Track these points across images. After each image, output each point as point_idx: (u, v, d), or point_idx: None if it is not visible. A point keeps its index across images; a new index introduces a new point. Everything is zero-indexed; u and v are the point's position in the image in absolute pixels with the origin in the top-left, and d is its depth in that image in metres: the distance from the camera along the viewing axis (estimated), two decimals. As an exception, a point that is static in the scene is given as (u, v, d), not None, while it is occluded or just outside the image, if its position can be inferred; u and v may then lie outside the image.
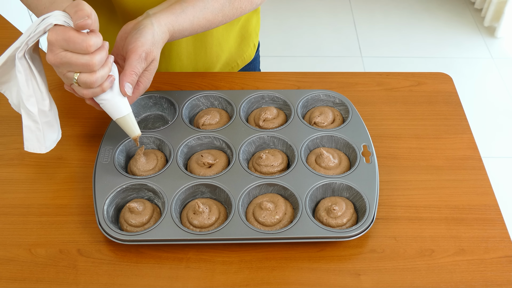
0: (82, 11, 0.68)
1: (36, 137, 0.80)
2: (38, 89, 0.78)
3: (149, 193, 0.83)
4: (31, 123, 0.79)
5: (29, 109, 0.77)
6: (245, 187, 0.81)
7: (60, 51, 0.71)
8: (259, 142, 0.89)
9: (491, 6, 2.70)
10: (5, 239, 0.79)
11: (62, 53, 0.71)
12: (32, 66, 0.76)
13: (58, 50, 0.71)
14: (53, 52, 0.71)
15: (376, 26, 2.85)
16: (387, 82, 1.03)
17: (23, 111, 0.78)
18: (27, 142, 0.80)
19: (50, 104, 0.80)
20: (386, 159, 0.89)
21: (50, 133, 0.81)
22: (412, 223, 0.81)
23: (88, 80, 0.72)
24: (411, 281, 0.74)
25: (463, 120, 0.96)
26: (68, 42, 0.70)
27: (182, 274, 0.75)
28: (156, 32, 0.79)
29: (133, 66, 0.77)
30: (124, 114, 0.79)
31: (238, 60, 1.15)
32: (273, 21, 2.87)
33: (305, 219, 0.77)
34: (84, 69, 0.71)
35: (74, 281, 0.74)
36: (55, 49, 0.71)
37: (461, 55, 2.67)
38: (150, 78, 0.81)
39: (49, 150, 0.81)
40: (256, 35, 1.17)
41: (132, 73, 0.77)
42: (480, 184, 0.86)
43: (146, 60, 0.78)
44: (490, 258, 0.77)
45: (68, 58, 0.71)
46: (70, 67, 0.72)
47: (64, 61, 0.71)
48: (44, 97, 0.78)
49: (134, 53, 0.77)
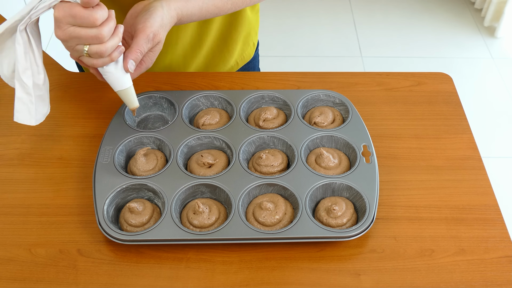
0: None
1: (27, 109, 0.82)
2: (35, 62, 0.79)
3: (149, 193, 0.83)
4: (24, 95, 0.81)
5: (24, 81, 0.79)
6: (245, 187, 0.81)
7: (68, 27, 0.74)
8: (259, 142, 0.89)
9: (491, 6, 2.70)
10: (5, 239, 0.79)
11: (70, 28, 0.74)
12: (32, 39, 0.78)
13: (66, 26, 0.74)
14: (61, 28, 0.74)
15: (376, 26, 2.85)
16: (387, 82, 1.03)
17: (17, 82, 0.80)
18: (18, 113, 0.82)
19: (44, 78, 0.82)
20: (386, 159, 0.89)
21: (41, 107, 0.83)
22: (412, 223, 0.81)
23: (99, 50, 0.75)
24: (411, 281, 0.74)
25: (463, 120, 0.96)
26: (75, 18, 0.72)
27: (182, 274, 0.75)
28: (166, 15, 0.82)
29: (139, 45, 0.80)
30: (125, 87, 0.82)
31: (237, 59, 1.15)
32: (273, 21, 2.87)
33: (305, 219, 0.77)
34: (94, 41, 0.74)
35: (74, 281, 0.74)
36: (62, 25, 0.74)
37: (461, 55, 2.67)
38: (153, 59, 0.84)
39: (38, 123, 0.83)
40: (255, 34, 1.17)
41: (137, 51, 0.80)
42: (480, 184, 0.86)
43: (153, 41, 0.81)
44: (490, 258, 0.77)
45: (77, 32, 0.73)
46: (80, 40, 0.75)
47: (73, 35, 0.74)
48: (39, 70, 0.80)
49: (143, 32, 0.79)
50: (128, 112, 0.93)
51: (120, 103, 0.96)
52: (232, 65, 1.15)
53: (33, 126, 0.94)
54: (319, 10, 2.96)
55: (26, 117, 0.82)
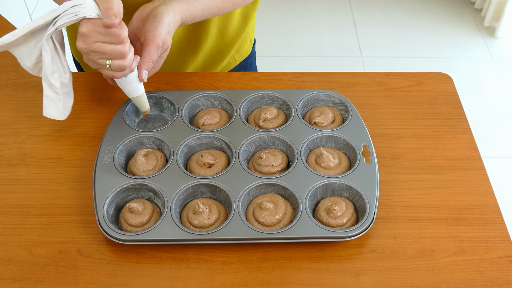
0: (111, 9, 0.75)
1: (56, 106, 0.88)
2: (61, 64, 0.85)
3: (149, 193, 0.83)
4: (52, 94, 0.87)
5: (53, 83, 0.85)
6: (245, 187, 0.81)
7: (93, 42, 0.77)
8: (259, 142, 0.89)
9: (491, 6, 2.70)
10: (5, 239, 0.79)
11: (96, 44, 0.77)
12: (57, 45, 0.82)
13: (91, 41, 0.77)
14: (86, 42, 0.78)
15: (376, 26, 2.85)
16: (387, 82, 1.03)
17: (45, 83, 0.86)
18: (47, 109, 0.88)
19: (69, 75, 0.88)
20: (386, 159, 0.89)
21: (68, 101, 0.90)
22: (412, 223, 0.81)
23: (122, 64, 0.80)
24: (411, 281, 0.74)
25: (463, 120, 0.96)
26: (105, 35, 0.77)
27: (182, 274, 0.75)
28: (172, 20, 0.84)
29: (150, 54, 0.83)
30: (139, 94, 0.87)
31: (235, 55, 1.15)
32: (273, 21, 2.87)
33: (305, 219, 0.77)
34: (118, 56, 0.79)
35: (74, 281, 0.74)
36: (88, 40, 0.77)
37: (461, 55, 2.67)
38: (161, 63, 0.87)
39: (66, 117, 0.90)
40: (252, 31, 1.18)
41: (149, 61, 0.83)
42: (480, 184, 0.86)
43: (162, 48, 0.84)
44: (490, 258, 0.77)
45: (102, 48, 0.78)
46: (103, 55, 0.79)
47: (98, 51, 0.78)
48: (65, 70, 0.86)
49: (153, 41, 0.82)
50: (128, 112, 0.93)
51: (120, 103, 0.96)
52: (230, 61, 1.15)
53: (33, 126, 0.94)
54: (319, 10, 2.96)
55: (55, 113, 0.89)
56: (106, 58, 0.79)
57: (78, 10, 0.76)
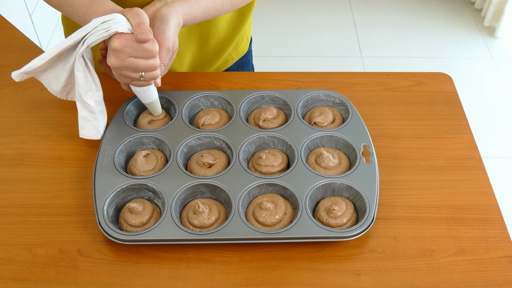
0: (144, 24, 0.77)
1: (92, 125, 0.88)
2: (94, 82, 0.86)
3: (149, 193, 0.83)
4: (87, 113, 0.87)
5: (87, 102, 0.86)
6: (245, 187, 0.81)
7: (126, 57, 0.78)
8: (259, 142, 0.89)
9: (491, 6, 2.70)
10: (5, 239, 0.79)
11: (129, 59, 0.78)
12: (89, 63, 0.83)
13: (124, 56, 0.78)
14: (118, 58, 0.79)
15: (376, 26, 2.85)
16: (387, 82, 1.03)
17: (79, 103, 0.86)
18: (83, 130, 0.89)
19: (102, 93, 0.88)
20: (386, 159, 0.89)
21: (103, 119, 0.90)
22: (412, 223, 0.81)
23: (155, 75, 0.82)
24: (411, 281, 0.74)
25: (463, 120, 0.96)
26: (137, 50, 0.78)
27: (182, 274, 0.75)
28: (176, 22, 0.84)
29: (162, 59, 0.83)
30: (154, 99, 0.89)
31: (232, 53, 1.16)
32: (273, 21, 2.87)
33: (305, 219, 0.77)
34: (150, 69, 0.81)
35: (74, 281, 0.74)
36: (121, 55, 0.78)
37: (461, 55, 2.67)
38: (170, 65, 0.87)
39: (102, 134, 0.89)
40: (249, 29, 1.18)
41: (162, 66, 0.84)
42: (480, 184, 0.86)
43: (172, 50, 0.84)
44: (490, 258, 0.77)
45: (136, 63, 0.79)
46: (137, 69, 0.80)
47: (132, 66, 0.79)
48: (98, 88, 0.87)
49: (163, 46, 0.82)
50: (128, 112, 0.93)
51: (120, 103, 0.96)
52: (227, 59, 1.15)
53: (33, 126, 0.94)
54: (319, 10, 2.96)
55: (92, 132, 0.89)
56: (138, 71, 0.81)
57: (110, 26, 0.77)
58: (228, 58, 1.16)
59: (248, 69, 1.25)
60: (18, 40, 1.11)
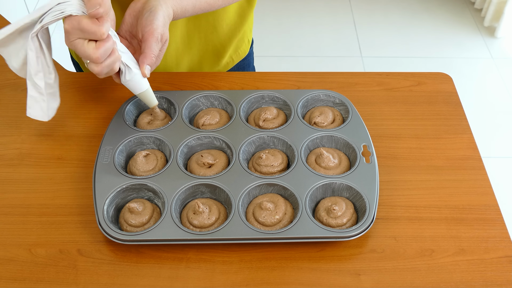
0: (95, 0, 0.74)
1: (40, 106, 0.87)
2: (46, 64, 0.84)
3: (149, 193, 0.83)
4: (36, 94, 0.86)
5: (37, 83, 0.84)
6: (245, 187, 0.81)
7: (75, 38, 0.77)
8: (259, 142, 0.89)
9: (491, 6, 2.70)
10: (5, 239, 0.79)
11: (76, 41, 0.77)
12: (43, 44, 0.82)
13: (74, 38, 0.77)
14: (68, 39, 0.77)
15: (376, 26, 2.85)
16: (387, 82, 1.03)
17: (29, 82, 0.85)
18: (30, 109, 0.87)
19: (55, 76, 0.87)
20: (386, 159, 0.89)
21: (53, 102, 0.88)
22: (412, 223, 0.81)
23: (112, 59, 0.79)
24: (411, 281, 0.74)
25: (463, 120, 0.96)
26: (83, 31, 0.75)
27: (182, 274, 0.75)
28: (165, 13, 0.83)
29: (152, 49, 0.82)
30: (144, 90, 0.86)
31: (233, 55, 1.15)
32: (273, 21, 2.87)
33: (305, 219, 0.77)
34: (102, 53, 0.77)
35: (74, 281, 0.74)
36: (71, 36, 0.77)
37: (461, 55, 2.67)
38: (161, 57, 0.86)
39: (50, 118, 0.88)
40: (250, 31, 1.18)
41: (151, 56, 0.83)
42: (480, 184, 0.86)
43: (161, 41, 0.83)
44: (490, 258, 0.77)
45: (85, 46, 0.76)
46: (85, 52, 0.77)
47: (81, 48, 0.77)
48: (50, 71, 0.85)
49: (151, 36, 0.81)
50: (128, 112, 0.93)
51: (120, 103, 0.96)
52: (228, 61, 1.15)
53: (33, 126, 0.94)
54: (319, 10, 2.96)
55: (39, 114, 0.88)
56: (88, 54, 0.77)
57: (64, 8, 0.76)
58: (228, 60, 1.16)
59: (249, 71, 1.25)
60: (18, 40, 1.11)
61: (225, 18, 1.07)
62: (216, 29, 1.07)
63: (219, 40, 1.10)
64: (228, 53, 1.14)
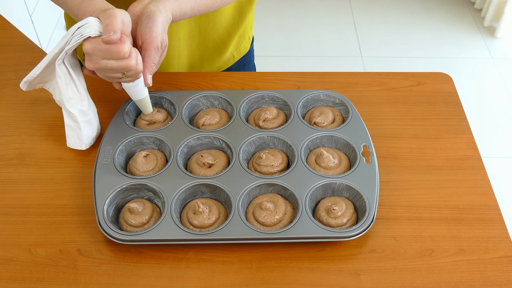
0: (112, 25, 0.76)
1: (76, 135, 0.88)
2: (77, 91, 0.86)
3: (149, 193, 0.83)
4: (71, 122, 0.87)
5: (70, 110, 0.86)
6: (245, 187, 0.81)
7: (99, 60, 0.78)
8: (259, 142, 0.89)
9: (491, 6, 2.70)
10: (5, 239, 0.79)
11: (101, 61, 0.78)
12: (71, 71, 0.84)
13: (97, 59, 0.78)
14: (92, 61, 0.79)
15: (376, 26, 2.85)
16: (387, 82, 1.03)
17: (64, 111, 0.87)
18: (69, 139, 0.89)
19: (88, 104, 0.88)
20: (386, 159, 0.89)
21: (90, 131, 0.89)
22: (412, 223, 0.81)
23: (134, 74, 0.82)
24: (411, 281, 0.74)
25: (463, 120, 0.96)
26: (105, 52, 0.77)
27: (182, 274, 0.75)
28: (164, 18, 0.84)
29: (152, 58, 0.83)
30: (143, 97, 0.88)
31: (234, 52, 1.15)
32: (273, 21, 2.87)
33: (305, 219, 0.77)
34: (125, 69, 0.79)
35: (74, 281, 0.74)
36: (93, 58, 0.78)
37: (461, 55, 2.67)
38: (161, 61, 0.87)
39: (88, 146, 0.89)
40: (250, 28, 1.18)
41: (152, 65, 0.84)
42: (480, 184, 0.86)
43: (161, 48, 0.84)
44: (490, 258, 0.77)
45: (110, 65, 0.79)
46: (113, 71, 0.80)
47: (106, 68, 0.79)
48: (83, 98, 0.87)
49: (151, 44, 0.82)
50: (128, 112, 0.93)
51: (120, 103, 0.96)
52: (229, 57, 1.15)
53: (33, 126, 0.94)
54: (319, 10, 2.96)
55: (76, 142, 0.89)
56: (117, 72, 0.80)
57: (82, 31, 0.77)
58: (229, 57, 1.16)
59: (250, 68, 1.25)
60: (18, 40, 1.11)
61: (224, 13, 1.07)
62: (215, 24, 1.07)
63: (218, 36, 1.10)
64: (229, 50, 1.14)
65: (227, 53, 1.14)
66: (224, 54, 1.14)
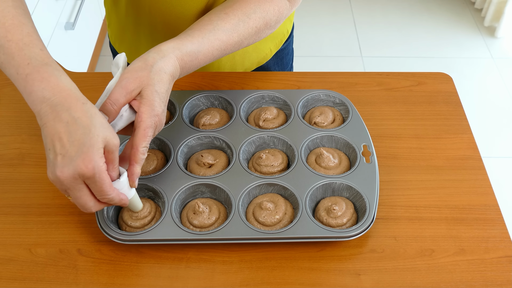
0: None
1: None
2: None
3: (149, 193, 0.83)
4: None
5: None
6: (245, 187, 0.81)
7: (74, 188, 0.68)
8: (259, 142, 0.89)
9: (491, 6, 2.70)
10: (5, 239, 0.79)
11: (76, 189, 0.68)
12: None
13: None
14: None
15: (376, 26, 2.85)
16: (387, 82, 1.03)
17: None
18: None
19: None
20: (386, 159, 0.89)
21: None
22: (412, 223, 0.81)
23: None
24: (411, 281, 0.74)
25: (463, 120, 0.96)
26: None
27: (182, 274, 0.75)
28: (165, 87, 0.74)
29: (139, 151, 0.72)
30: (130, 197, 0.75)
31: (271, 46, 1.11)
32: (273, 21, 2.86)
33: (305, 219, 0.77)
34: None
35: (74, 281, 0.74)
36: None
37: (461, 55, 2.67)
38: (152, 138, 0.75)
39: None
40: (289, 22, 1.12)
41: (141, 159, 0.73)
42: (480, 184, 0.86)
43: (154, 131, 0.74)
44: (490, 258, 0.77)
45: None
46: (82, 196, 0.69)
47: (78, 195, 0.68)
48: None
49: (142, 138, 0.71)
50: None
51: (120, 103, 0.96)
52: (266, 52, 1.11)
53: (33, 126, 0.94)
54: (319, 10, 2.96)
55: None
56: None
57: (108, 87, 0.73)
58: (267, 51, 1.11)
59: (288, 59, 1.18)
60: (18, 40, 1.11)
61: None
62: None
63: None
64: (268, 46, 1.10)
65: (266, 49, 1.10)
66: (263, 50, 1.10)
